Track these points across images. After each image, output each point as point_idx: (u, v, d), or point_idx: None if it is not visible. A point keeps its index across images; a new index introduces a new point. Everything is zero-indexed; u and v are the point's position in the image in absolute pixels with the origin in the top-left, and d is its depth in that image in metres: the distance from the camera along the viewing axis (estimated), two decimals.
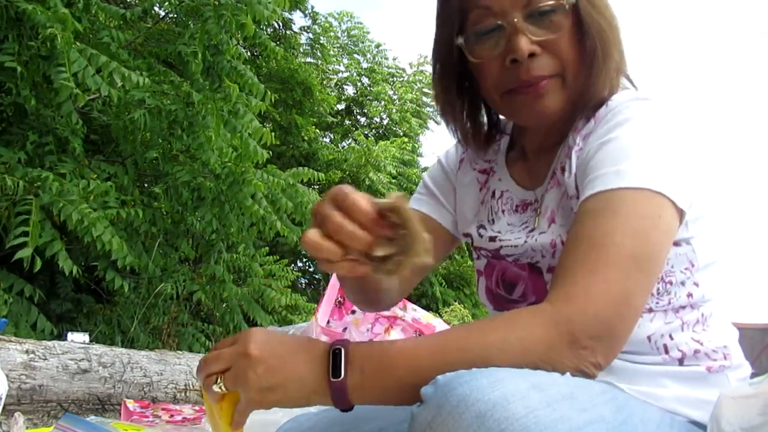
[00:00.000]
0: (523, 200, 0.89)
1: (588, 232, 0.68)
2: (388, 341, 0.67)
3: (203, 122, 3.58)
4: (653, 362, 0.76)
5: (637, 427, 0.62)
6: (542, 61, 0.78)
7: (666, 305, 0.77)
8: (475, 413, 0.53)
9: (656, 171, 0.70)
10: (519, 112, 0.83)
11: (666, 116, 0.75)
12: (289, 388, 0.65)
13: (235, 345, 0.68)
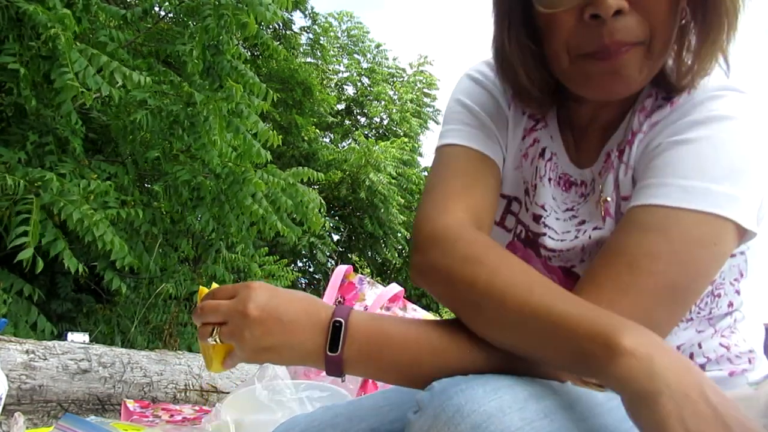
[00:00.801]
0: (567, 175, 0.76)
1: (631, 248, 0.60)
2: (392, 320, 0.65)
3: (205, 123, 3.58)
4: None
5: None
6: (629, 22, 0.62)
7: (706, 314, 0.74)
8: (470, 425, 0.52)
9: (728, 196, 0.60)
10: (590, 82, 0.67)
11: (756, 123, 0.63)
12: (285, 351, 0.65)
13: (234, 300, 0.66)
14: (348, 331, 0.63)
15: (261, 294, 0.65)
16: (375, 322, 0.64)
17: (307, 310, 0.66)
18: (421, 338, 0.62)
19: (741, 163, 0.62)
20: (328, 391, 1.42)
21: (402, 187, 9.11)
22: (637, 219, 0.62)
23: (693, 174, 0.61)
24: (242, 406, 1.36)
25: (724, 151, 0.62)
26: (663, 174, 0.63)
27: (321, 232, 7.62)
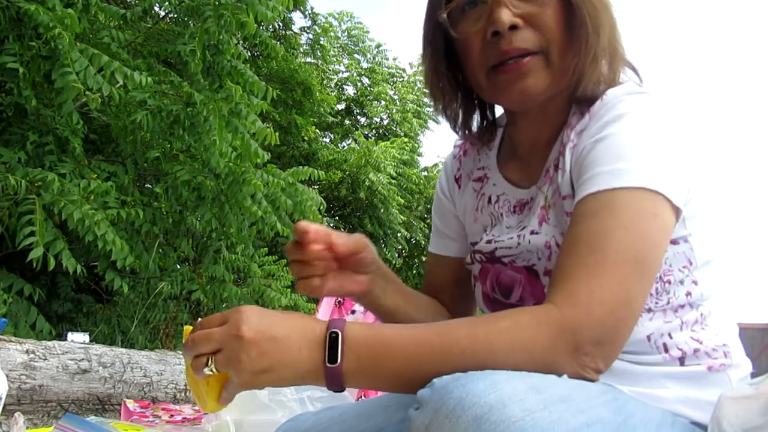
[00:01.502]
0: (519, 200, 0.87)
1: (586, 234, 0.67)
2: (388, 327, 0.66)
3: (205, 123, 3.58)
4: (654, 362, 0.76)
5: (636, 428, 0.62)
6: (524, 34, 0.74)
7: (665, 305, 0.76)
8: (472, 416, 0.53)
9: (652, 169, 0.69)
10: (502, 91, 0.79)
11: (662, 111, 0.73)
12: (283, 370, 0.65)
13: (226, 326, 0.66)
14: (345, 341, 0.63)
15: (252, 316, 0.65)
16: (371, 330, 0.65)
17: (300, 327, 0.66)
18: (421, 342, 0.63)
19: (653, 144, 0.70)
20: (328, 392, 1.42)
21: (402, 187, 9.11)
22: (582, 210, 0.69)
23: (615, 160, 0.69)
24: (242, 406, 1.36)
25: (635, 138, 0.70)
26: (592, 168, 0.71)
27: None
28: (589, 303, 0.62)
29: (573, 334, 0.61)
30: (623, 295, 0.64)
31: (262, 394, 1.37)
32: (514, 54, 0.75)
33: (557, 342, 0.61)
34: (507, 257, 0.86)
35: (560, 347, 0.61)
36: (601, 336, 0.62)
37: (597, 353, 0.62)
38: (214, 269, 4.29)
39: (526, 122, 0.86)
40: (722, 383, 0.77)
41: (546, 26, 0.75)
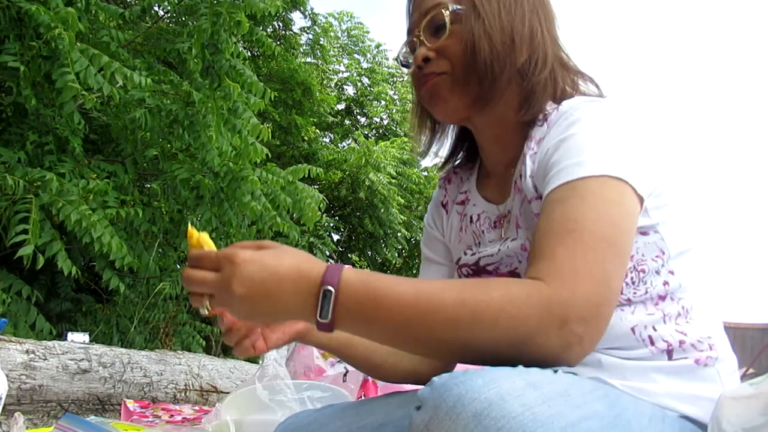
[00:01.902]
0: (498, 215, 0.92)
1: (559, 218, 0.70)
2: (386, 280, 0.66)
3: (204, 121, 3.57)
4: (642, 357, 0.77)
5: (630, 421, 0.63)
6: (434, 63, 0.86)
7: (643, 295, 0.78)
8: (471, 412, 0.53)
9: (614, 159, 0.72)
10: (428, 107, 0.91)
11: (619, 112, 0.78)
12: (277, 317, 0.70)
13: (219, 276, 0.68)
14: (338, 298, 0.65)
15: (245, 270, 0.66)
16: (366, 286, 0.66)
17: (295, 277, 0.67)
18: (410, 304, 0.64)
19: (613, 138, 0.75)
20: (329, 391, 1.42)
21: (402, 187, 9.11)
22: (552, 199, 0.72)
23: (580, 153, 0.73)
24: (242, 406, 1.37)
25: (596, 134, 0.75)
26: (558, 165, 0.75)
27: (321, 232, 7.62)
28: (575, 281, 0.64)
29: (561, 308, 0.62)
30: (603, 275, 0.66)
31: (262, 394, 1.37)
32: (423, 79, 0.88)
33: (546, 316, 0.62)
34: (491, 265, 0.90)
35: (548, 322, 0.62)
36: (587, 313, 0.63)
37: (582, 331, 0.63)
38: None
39: (489, 145, 0.94)
40: (711, 378, 0.77)
41: (450, 54, 0.85)
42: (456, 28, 0.84)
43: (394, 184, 8.69)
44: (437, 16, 0.85)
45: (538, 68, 0.85)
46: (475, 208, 0.97)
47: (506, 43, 0.83)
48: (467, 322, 0.62)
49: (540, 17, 0.87)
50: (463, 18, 0.84)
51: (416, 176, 9.34)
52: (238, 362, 2.92)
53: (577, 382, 0.61)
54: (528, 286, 0.64)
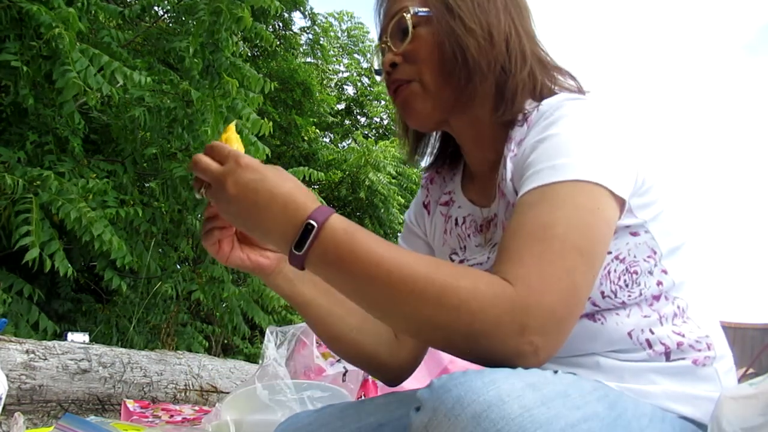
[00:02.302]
0: (485, 218, 0.90)
1: (530, 222, 0.67)
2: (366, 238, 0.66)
3: (202, 119, 3.57)
4: (640, 359, 0.76)
5: (630, 422, 0.63)
6: (401, 68, 0.85)
7: (638, 296, 0.77)
8: (470, 414, 0.53)
9: (591, 163, 0.70)
10: (402, 115, 0.89)
11: (599, 110, 0.76)
12: (253, 228, 0.70)
13: (221, 169, 0.70)
14: (319, 235, 0.66)
15: (244, 174, 0.69)
16: (348, 235, 0.66)
17: (285, 201, 0.68)
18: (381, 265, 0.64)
19: (591, 139, 0.72)
20: (328, 391, 1.42)
21: (402, 187, 9.11)
22: (525, 202, 0.70)
23: (555, 157, 0.71)
24: (242, 406, 1.37)
25: (573, 135, 0.73)
26: (533, 166, 0.73)
27: None
28: (542, 290, 0.62)
29: (523, 316, 0.61)
30: (571, 287, 0.64)
31: (262, 394, 1.37)
32: (395, 84, 0.86)
33: (507, 320, 0.61)
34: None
35: (508, 326, 0.61)
36: (549, 325, 0.62)
37: (540, 343, 0.62)
38: (213, 269, 4.28)
39: (469, 147, 0.92)
40: (709, 377, 0.77)
41: (418, 59, 0.83)
42: (421, 32, 0.83)
43: (394, 183, 8.68)
44: (401, 20, 0.84)
45: (518, 66, 0.82)
46: (460, 210, 0.95)
47: (487, 39, 0.81)
48: (430, 301, 0.62)
49: (514, 14, 0.85)
50: (433, 20, 0.82)
51: (416, 176, 9.34)
52: (238, 362, 2.92)
53: (578, 382, 0.61)
54: (496, 285, 0.63)
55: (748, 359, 6.64)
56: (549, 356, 0.63)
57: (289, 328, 1.87)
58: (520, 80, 0.82)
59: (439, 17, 0.82)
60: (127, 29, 3.87)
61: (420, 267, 0.64)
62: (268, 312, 4.77)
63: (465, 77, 0.81)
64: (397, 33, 0.84)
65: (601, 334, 0.77)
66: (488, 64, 0.81)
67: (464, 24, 0.81)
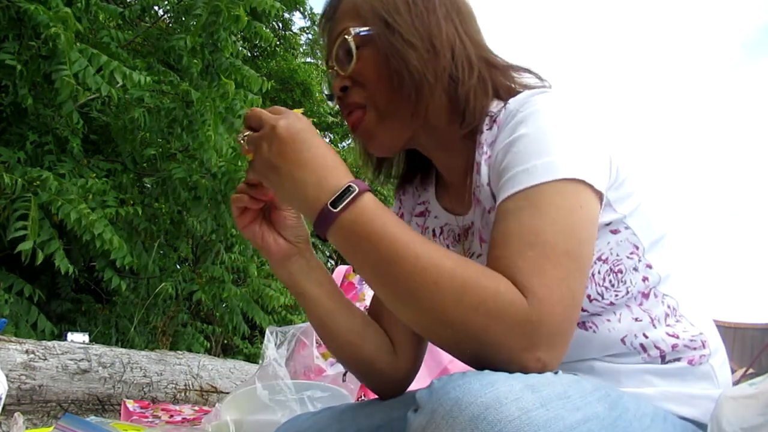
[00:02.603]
0: (462, 227, 0.89)
1: (518, 230, 0.66)
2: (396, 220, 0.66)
3: (201, 119, 3.57)
4: (635, 362, 0.76)
5: (631, 422, 0.62)
6: (352, 92, 0.83)
7: (625, 295, 0.77)
8: (468, 416, 0.53)
9: (566, 160, 0.69)
10: (365, 144, 0.88)
11: (565, 103, 0.74)
12: (287, 181, 0.69)
13: (275, 116, 0.71)
14: (356, 201, 0.66)
15: (298, 122, 0.70)
16: (382, 212, 0.66)
17: (329, 165, 0.69)
18: (423, 251, 0.63)
19: (561, 135, 0.70)
20: (329, 392, 1.42)
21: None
22: (506, 209, 0.69)
23: (528, 158, 0.69)
24: (242, 406, 1.36)
25: (543, 133, 0.71)
26: (508, 171, 0.71)
27: None
28: (550, 302, 0.61)
29: (534, 330, 0.60)
30: (570, 294, 0.63)
31: (262, 394, 1.37)
32: (347, 110, 0.85)
33: (517, 330, 0.60)
34: None
35: (517, 337, 0.60)
36: (556, 339, 0.61)
37: (547, 358, 0.61)
38: (213, 269, 4.28)
39: (438, 158, 0.90)
40: (706, 375, 0.77)
41: (367, 80, 0.82)
42: (365, 52, 0.81)
43: (393, 183, 8.69)
44: (344, 43, 0.81)
45: (465, 72, 0.80)
46: (437, 220, 0.93)
47: (429, 50, 0.79)
48: (451, 295, 0.61)
49: (456, 21, 0.83)
50: (374, 38, 0.80)
51: None
52: (238, 362, 2.92)
53: (578, 383, 0.61)
54: (514, 293, 0.61)
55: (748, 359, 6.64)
56: (555, 365, 0.62)
57: (289, 328, 1.87)
58: (470, 86, 0.80)
59: (380, 35, 0.80)
60: (127, 30, 3.87)
61: (448, 260, 0.63)
62: (268, 312, 4.77)
63: (413, 92, 0.79)
64: (342, 56, 0.82)
65: (594, 341, 0.77)
66: (434, 75, 0.79)
67: (403, 38, 0.79)
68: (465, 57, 0.81)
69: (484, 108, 0.81)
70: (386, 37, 0.79)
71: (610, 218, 0.76)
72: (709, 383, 0.77)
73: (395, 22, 0.79)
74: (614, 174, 0.74)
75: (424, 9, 0.81)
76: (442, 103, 0.81)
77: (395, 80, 0.79)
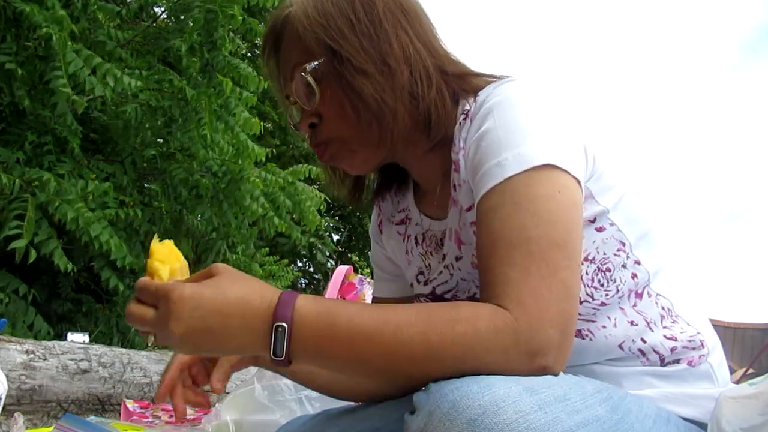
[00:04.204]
0: (442, 231, 0.86)
1: (498, 230, 0.65)
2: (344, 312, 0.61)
3: (197, 118, 3.57)
4: (635, 365, 0.75)
5: (633, 425, 0.62)
6: (320, 129, 0.79)
7: (615, 294, 0.75)
8: (465, 420, 0.52)
9: (536, 147, 0.66)
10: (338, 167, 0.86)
11: (532, 90, 0.72)
12: (225, 353, 0.67)
13: (156, 316, 0.63)
14: (292, 334, 0.60)
15: (182, 310, 0.61)
16: (323, 318, 0.61)
17: (243, 317, 0.62)
18: (372, 339, 0.60)
19: (529, 123, 0.68)
20: None
21: None
22: (485, 208, 0.67)
23: (499, 151, 0.68)
24: (242, 406, 1.36)
25: (511, 123, 0.69)
26: (481, 165, 0.69)
27: (321, 232, 7.61)
28: (539, 307, 0.60)
29: (528, 342, 0.59)
30: (563, 288, 0.62)
31: (261, 395, 1.37)
32: (316, 147, 0.82)
33: (512, 352, 0.59)
34: (448, 293, 0.85)
35: (515, 356, 0.59)
36: (555, 339, 0.60)
37: (552, 359, 0.60)
38: None
39: (413, 168, 0.87)
40: (706, 375, 0.77)
41: (329, 115, 0.78)
42: (325, 86, 0.76)
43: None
44: (301, 81, 0.76)
45: (424, 88, 0.76)
46: (417, 227, 0.90)
47: (384, 71, 0.74)
48: (433, 361, 0.59)
49: (405, 27, 0.77)
50: (328, 71, 0.75)
51: None
52: None
53: (579, 384, 0.60)
54: (496, 319, 0.59)
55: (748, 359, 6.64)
56: (563, 365, 0.62)
57: None
58: (431, 100, 0.76)
59: (329, 67, 0.75)
60: (127, 29, 3.86)
61: (412, 328, 0.59)
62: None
63: (375, 121, 0.75)
64: (304, 93, 0.77)
65: (591, 349, 0.75)
66: (393, 98, 0.74)
67: (354, 67, 0.74)
68: (422, 68, 0.77)
69: (448, 115, 0.78)
70: (336, 68, 0.74)
71: (594, 211, 0.74)
72: (709, 382, 0.76)
73: (342, 48, 0.74)
74: (591, 163, 0.72)
75: (369, 24, 0.75)
76: (406, 123, 0.77)
77: (354, 113, 0.75)
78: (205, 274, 0.65)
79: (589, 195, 0.73)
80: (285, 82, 0.81)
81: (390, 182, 0.94)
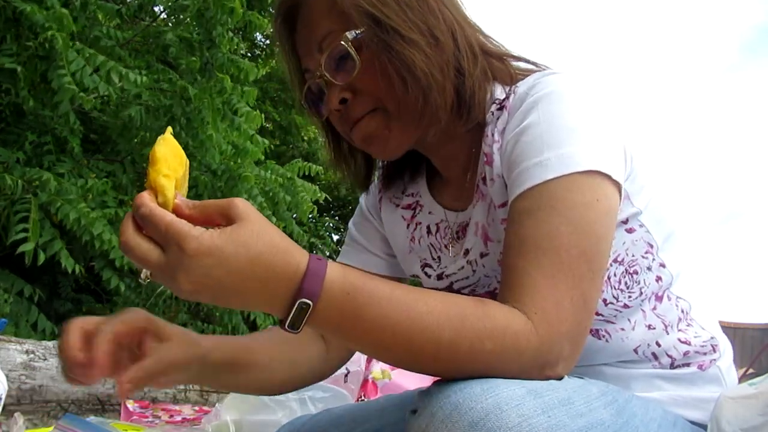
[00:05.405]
0: (460, 224, 0.82)
1: (531, 234, 0.62)
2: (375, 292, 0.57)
3: (199, 116, 3.57)
4: (645, 367, 0.75)
5: (638, 428, 0.61)
6: (355, 103, 0.73)
7: (638, 296, 0.74)
8: (468, 422, 0.51)
9: (580, 150, 0.64)
10: (367, 150, 0.79)
11: (577, 86, 0.68)
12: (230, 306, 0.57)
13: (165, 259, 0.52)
14: (314, 311, 0.55)
15: (195, 266, 0.51)
16: (351, 300, 0.56)
17: (264, 281, 0.54)
18: (397, 333, 0.57)
19: (575, 123, 0.65)
20: (329, 392, 1.42)
21: None
22: (520, 208, 0.65)
23: (541, 149, 0.65)
24: (242, 406, 1.36)
25: (555, 120, 0.66)
26: (519, 164, 0.66)
27: (321, 232, 7.61)
28: (559, 320, 0.59)
29: (546, 354, 0.59)
30: (582, 301, 0.61)
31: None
32: (355, 120, 0.75)
33: (528, 367, 0.58)
34: (466, 288, 0.82)
35: (528, 369, 0.58)
36: (568, 350, 0.60)
37: (561, 369, 0.60)
38: None
39: (437, 155, 0.83)
40: (715, 378, 0.76)
41: (370, 87, 0.72)
42: (367, 57, 0.70)
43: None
44: (338, 49, 0.70)
45: (470, 63, 0.72)
46: (432, 216, 0.86)
47: (431, 44, 0.70)
48: (453, 365, 0.58)
49: (446, 5, 0.73)
50: (367, 41, 0.69)
51: None
52: None
53: (583, 387, 0.59)
54: (519, 338, 0.58)
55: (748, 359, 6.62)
56: (568, 372, 0.62)
57: None
58: (476, 78, 0.73)
59: (373, 36, 0.69)
60: (127, 29, 3.86)
61: (442, 333, 0.56)
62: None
63: (422, 96, 0.70)
64: (339, 65, 0.71)
65: (606, 350, 0.75)
66: (441, 72, 0.70)
67: (402, 36, 0.68)
68: (467, 44, 0.73)
69: (488, 98, 0.75)
70: (381, 38, 0.68)
71: (627, 213, 0.72)
72: (717, 386, 0.76)
73: (387, 17, 0.68)
74: (629, 164, 0.70)
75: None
76: (453, 101, 0.72)
77: (400, 86, 0.70)
78: (222, 211, 0.55)
79: (626, 196, 0.71)
80: (309, 54, 0.74)
81: (402, 170, 0.89)
